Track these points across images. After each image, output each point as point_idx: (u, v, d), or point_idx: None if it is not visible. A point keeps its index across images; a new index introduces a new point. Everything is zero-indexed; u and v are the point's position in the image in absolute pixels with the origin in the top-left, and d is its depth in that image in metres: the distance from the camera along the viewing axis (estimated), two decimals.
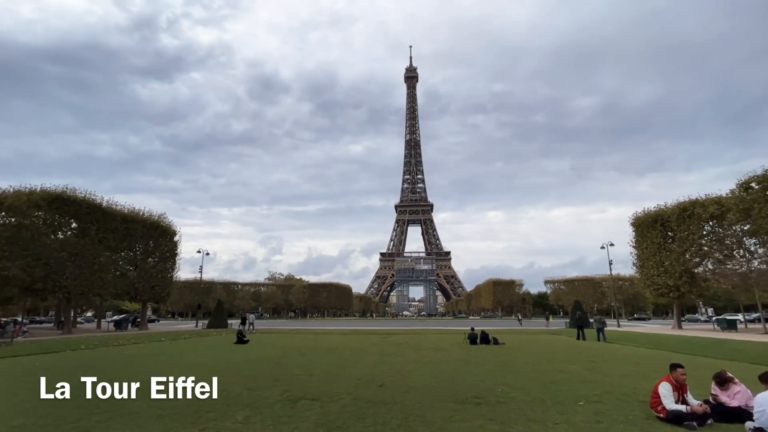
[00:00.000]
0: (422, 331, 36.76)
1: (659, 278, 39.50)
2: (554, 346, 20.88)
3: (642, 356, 15.93)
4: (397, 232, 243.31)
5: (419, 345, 21.57)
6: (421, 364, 13.41)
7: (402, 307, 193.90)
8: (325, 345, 21.89)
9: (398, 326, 48.89)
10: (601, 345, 21.88)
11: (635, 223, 42.93)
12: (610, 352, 17.62)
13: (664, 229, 39.14)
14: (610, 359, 14.77)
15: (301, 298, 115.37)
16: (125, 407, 6.94)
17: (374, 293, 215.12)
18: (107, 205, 38.98)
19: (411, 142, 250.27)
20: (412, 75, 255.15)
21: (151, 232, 44.42)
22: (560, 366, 12.92)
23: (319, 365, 13.37)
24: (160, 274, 45.97)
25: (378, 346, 20.77)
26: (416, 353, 17.24)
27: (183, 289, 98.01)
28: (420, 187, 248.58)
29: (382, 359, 15.02)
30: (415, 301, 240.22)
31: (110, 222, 38.63)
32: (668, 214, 38.34)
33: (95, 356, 16.80)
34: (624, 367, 12.75)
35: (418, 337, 27.72)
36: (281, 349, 19.37)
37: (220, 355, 16.98)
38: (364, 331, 36.97)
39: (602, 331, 24.60)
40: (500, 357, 15.51)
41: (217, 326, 39.31)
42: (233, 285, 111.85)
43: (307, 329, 40.46)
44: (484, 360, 14.52)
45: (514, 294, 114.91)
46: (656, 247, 39.63)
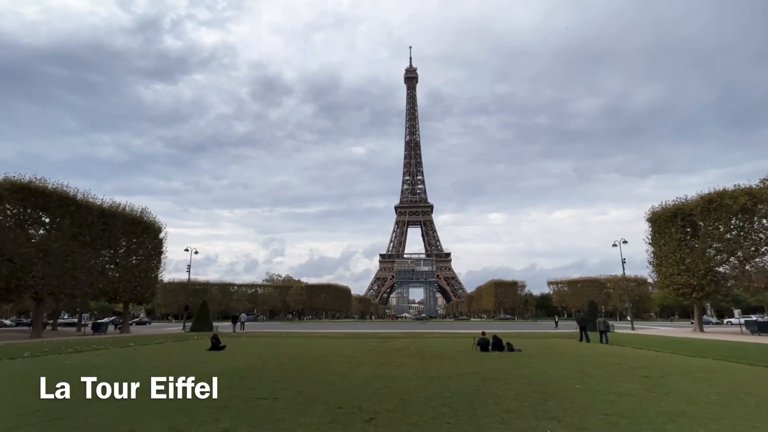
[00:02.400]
0: (424, 334, 33.72)
1: (680, 277, 36.46)
2: (578, 353, 17.87)
3: (703, 368, 12.86)
4: (396, 233, 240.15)
5: (422, 351, 18.57)
6: (426, 381, 10.39)
7: (402, 309, 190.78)
8: (313, 352, 18.88)
9: (398, 329, 45.82)
10: (631, 352, 18.89)
11: (652, 218, 39.88)
12: (653, 362, 14.60)
13: (686, 223, 36.11)
14: (665, 373, 11.74)
15: (298, 300, 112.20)
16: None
17: (374, 295, 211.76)
18: (83, 197, 35.95)
19: (411, 143, 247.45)
20: (412, 76, 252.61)
21: (133, 228, 41.34)
22: (609, 384, 9.91)
23: (295, 382, 10.37)
24: (144, 273, 42.89)
25: (374, 354, 17.76)
26: (419, 363, 14.24)
27: (177, 291, 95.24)
28: (420, 188, 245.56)
29: (378, 372, 12.02)
30: (415, 302, 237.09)
31: (85, 216, 35.57)
32: (691, 207, 35.30)
33: (20, 368, 13.84)
34: (697, 386, 9.73)
35: (419, 342, 24.71)
36: (258, 358, 16.35)
37: (180, 366, 13.99)
38: (360, 334, 33.93)
39: (606, 333, 24.22)
40: (524, 369, 12.50)
41: (201, 329, 36.15)
42: (229, 286, 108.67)
43: (299, 332, 37.40)
44: (507, 374, 11.51)
45: (517, 296, 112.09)
46: (676, 243, 36.58)
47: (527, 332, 36.02)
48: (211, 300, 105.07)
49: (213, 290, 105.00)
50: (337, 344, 23.63)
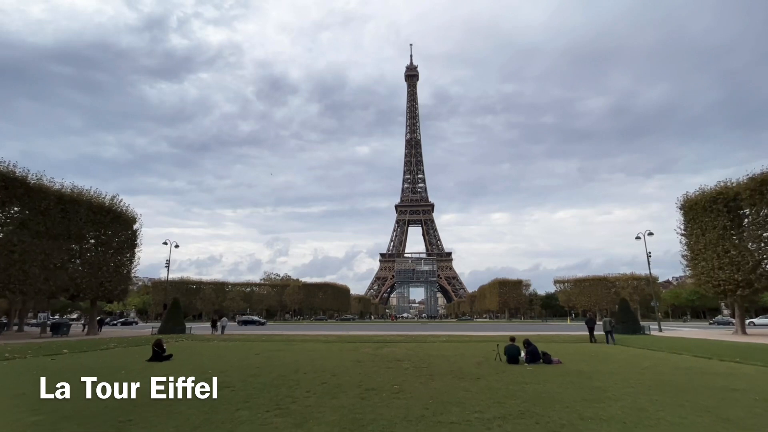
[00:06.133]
0: (427, 337, 28.94)
1: (721, 272, 31.64)
2: (643, 367, 13.15)
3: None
4: (397, 232, 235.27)
5: (428, 363, 13.87)
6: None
7: (402, 309, 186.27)
8: (283, 365, 14.17)
9: (397, 330, 41.04)
10: (711, 364, 14.21)
11: (686, 205, 35.03)
12: (745, 378, 9.89)
13: (729, 209, 31.31)
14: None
15: (295, 299, 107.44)
16: None
17: (374, 295, 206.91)
18: (36, 180, 31.29)
19: (411, 141, 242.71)
20: (413, 74, 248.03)
21: (100, 217, 36.59)
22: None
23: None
24: (114, 268, 38.22)
25: (364, 367, 13.05)
26: (427, 388, 9.53)
27: (169, 290, 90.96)
28: (420, 187, 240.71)
29: (360, 411, 7.30)
30: (416, 302, 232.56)
31: (39, 202, 30.85)
32: (737, 190, 30.51)
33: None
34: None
35: (423, 348, 19.99)
36: (201, 376, 11.61)
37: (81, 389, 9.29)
38: (354, 337, 29.18)
39: (612, 333, 23.67)
40: (600, 402, 7.75)
41: (171, 331, 31.36)
42: (224, 285, 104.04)
43: (284, 334, 32.62)
44: (579, 414, 6.76)
45: (521, 295, 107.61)
46: (718, 233, 31.76)
47: (544, 334, 31.21)
48: (204, 299, 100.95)
49: (207, 289, 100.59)
50: (321, 351, 18.93)
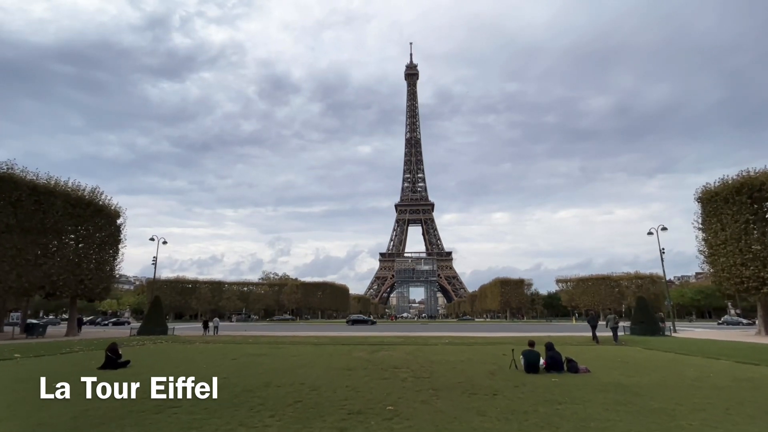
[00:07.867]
0: (428, 339, 26.67)
1: (744, 268, 29.41)
2: (685, 376, 10.92)
3: None
4: (397, 231, 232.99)
5: (431, 373, 11.62)
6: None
7: (402, 309, 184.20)
8: (261, 374, 11.93)
9: (397, 331, 38.78)
10: (746, 371, 11.98)
11: (704, 197, 32.78)
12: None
13: (754, 201, 29.06)
14: None
15: (293, 299, 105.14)
16: None
17: (374, 294, 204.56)
18: (5, 170, 29.04)
19: (411, 140, 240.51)
20: (413, 72, 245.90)
21: (79, 210, 34.33)
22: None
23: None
24: (94, 265, 35.96)
25: (354, 378, 10.80)
26: (429, 409, 7.26)
27: (165, 289, 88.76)
28: (420, 186, 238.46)
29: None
30: (416, 302, 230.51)
31: (9, 192, 28.64)
32: (762, 180, 28.29)
33: None
34: None
35: (424, 352, 17.74)
36: (144, 391, 9.34)
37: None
38: (349, 339, 26.93)
39: (616, 331, 23.78)
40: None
41: (151, 332, 29.04)
42: (221, 285, 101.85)
43: (275, 335, 30.34)
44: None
45: (523, 294, 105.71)
46: (741, 226, 29.52)
47: (553, 335, 28.91)
48: (200, 299, 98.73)
49: (203, 288, 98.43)
50: (310, 356, 16.67)
